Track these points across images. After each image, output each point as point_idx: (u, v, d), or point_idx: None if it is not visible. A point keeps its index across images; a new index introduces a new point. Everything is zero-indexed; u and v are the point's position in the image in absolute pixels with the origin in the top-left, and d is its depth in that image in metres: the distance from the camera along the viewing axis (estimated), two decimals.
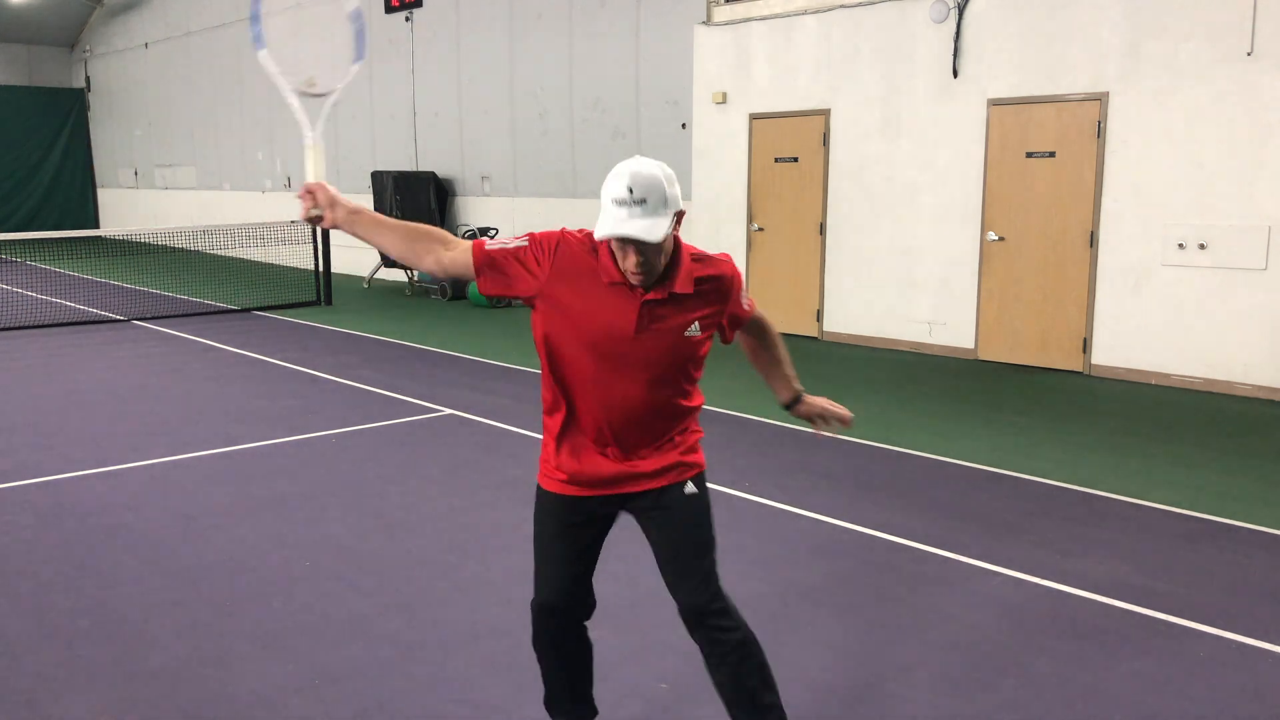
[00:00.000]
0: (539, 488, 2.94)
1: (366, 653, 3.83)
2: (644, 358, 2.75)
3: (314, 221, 2.85)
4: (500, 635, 3.97)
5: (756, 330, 3.08)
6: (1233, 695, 3.54)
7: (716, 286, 2.81)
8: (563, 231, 2.78)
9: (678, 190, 2.66)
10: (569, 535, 2.93)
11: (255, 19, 2.94)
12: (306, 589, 4.40)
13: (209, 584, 4.45)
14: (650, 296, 2.71)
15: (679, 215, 2.65)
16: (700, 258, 2.80)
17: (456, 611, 4.20)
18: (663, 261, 2.67)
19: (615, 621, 4.09)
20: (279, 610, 4.19)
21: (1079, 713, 3.42)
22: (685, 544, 2.88)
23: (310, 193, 2.82)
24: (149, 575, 4.55)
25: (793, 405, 3.22)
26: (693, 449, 2.93)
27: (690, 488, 2.88)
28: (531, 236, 2.79)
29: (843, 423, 3.18)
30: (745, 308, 2.95)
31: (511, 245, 2.78)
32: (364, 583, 4.47)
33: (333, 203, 2.82)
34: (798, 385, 3.19)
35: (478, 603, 4.28)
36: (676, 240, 2.75)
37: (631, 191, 2.55)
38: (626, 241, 2.58)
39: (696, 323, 2.77)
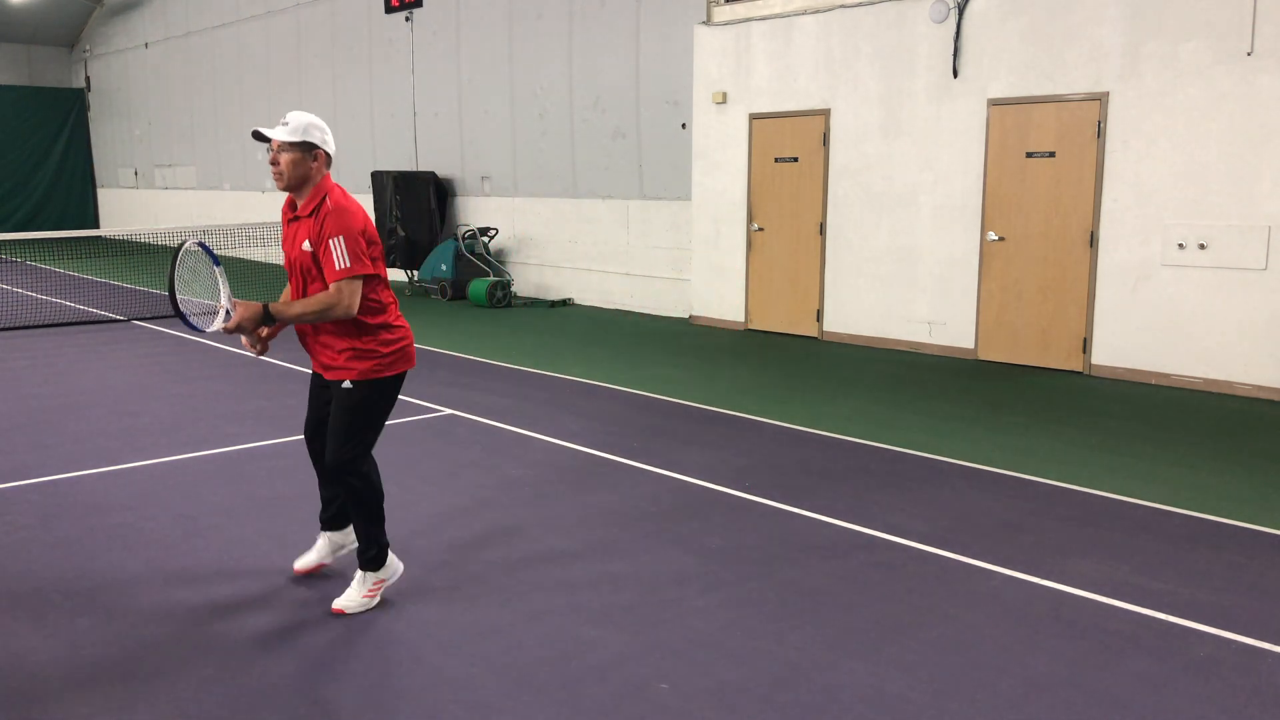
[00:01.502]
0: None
1: (367, 652, 3.83)
2: (292, 262, 4.05)
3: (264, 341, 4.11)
4: (500, 635, 3.97)
5: (324, 291, 3.92)
6: (1233, 695, 3.54)
7: (315, 215, 3.94)
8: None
9: (323, 137, 3.99)
10: (312, 395, 4.31)
11: (190, 324, 4.03)
12: (306, 589, 4.40)
13: (209, 584, 4.46)
14: (290, 216, 4.07)
15: (315, 151, 3.96)
16: (326, 196, 3.96)
17: (457, 611, 4.20)
18: (294, 176, 3.94)
19: (615, 622, 4.09)
20: (279, 610, 4.19)
21: (1079, 713, 3.42)
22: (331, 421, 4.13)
23: (240, 329, 3.90)
24: (149, 575, 4.55)
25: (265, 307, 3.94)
26: (356, 356, 4.02)
27: (346, 384, 4.05)
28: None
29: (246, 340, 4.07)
30: (334, 264, 3.87)
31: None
32: None
33: (255, 323, 3.92)
34: (277, 308, 3.93)
35: (477, 602, 4.28)
36: (325, 183, 3.99)
37: (284, 118, 3.97)
38: (264, 141, 3.97)
39: (308, 240, 3.95)
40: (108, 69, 24.57)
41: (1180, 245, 8.44)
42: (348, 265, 3.86)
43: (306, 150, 3.95)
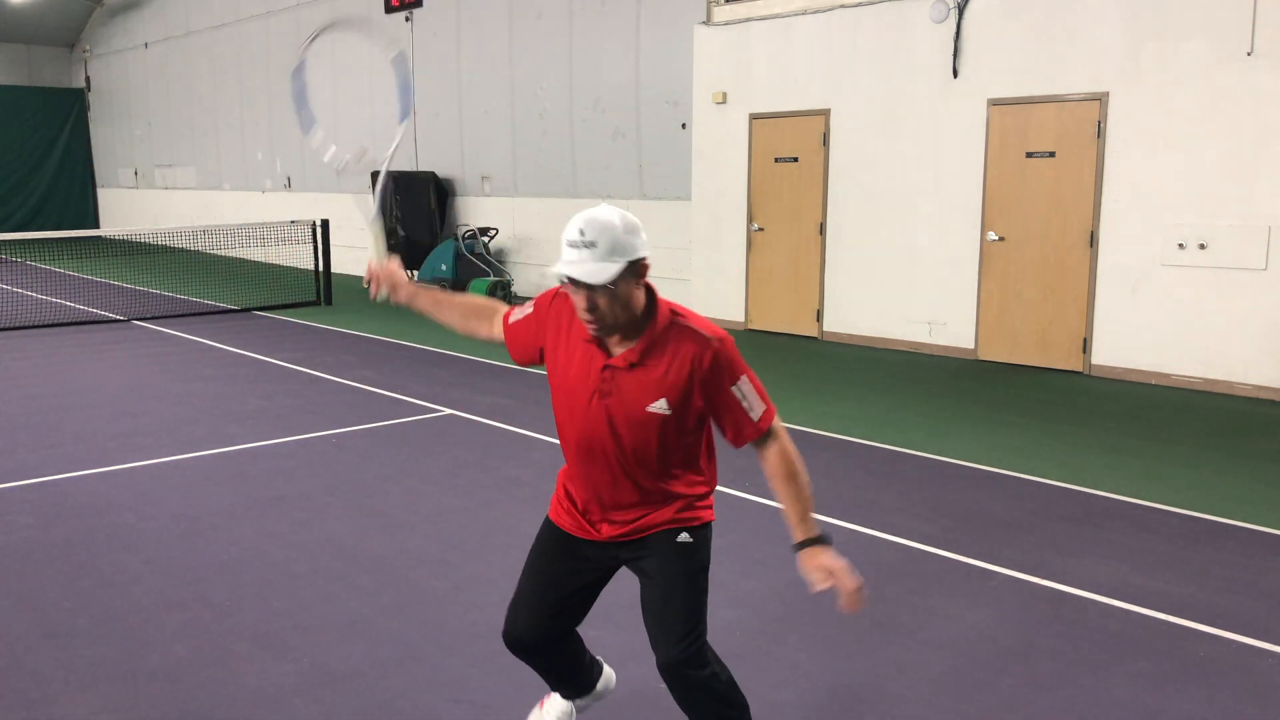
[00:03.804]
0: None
1: (366, 653, 3.83)
2: (607, 429, 2.61)
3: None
4: (500, 635, 3.97)
5: (771, 458, 2.62)
6: (1233, 695, 3.54)
7: (674, 365, 2.54)
8: (559, 287, 2.66)
9: (639, 240, 2.50)
10: (542, 570, 3.09)
11: (302, 102, 3.22)
12: (306, 589, 4.40)
13: (209, 584, 4.45)
14: (612, 361, 2.57)
15: (639, 266, 2.50)
16: (680, 324, 2.57)
17: (456, 611, 4.20)
18: (620, 314, 2.51)
19: (615, 621, 4.08)
20: (279, 610, 4.19)
21: (1079, 713, 3.42)
22: (664, 601, 2.83)
23: (376, 277, 2.99)
24: (149, 575, 4.55)
25: (800, 548, 2.62)
26: (699, 495, 2.75)
27: (684, 537, 2.75)
28: (537, 299, 2.79)
29: (847, 597, 2.57)
30: (750, 415, 2.58)
31: (522, 314, 2.81)
32: (364, 583, 4.47)
33: (395, 286, 2.97)
34: (811, 530, 2.60)
35: (478, 602, 4.28)
36: (653, 300, 2.58)
37: (583, 234, 2.47)
38: (576, 285, 2.47)
39: (664, 399, 2.55)
40: (108, 69, 24.56)
41: (1180, 245, 8.43)
42: (765, 408, 2.61)
43: (631, 272, 2.49)
